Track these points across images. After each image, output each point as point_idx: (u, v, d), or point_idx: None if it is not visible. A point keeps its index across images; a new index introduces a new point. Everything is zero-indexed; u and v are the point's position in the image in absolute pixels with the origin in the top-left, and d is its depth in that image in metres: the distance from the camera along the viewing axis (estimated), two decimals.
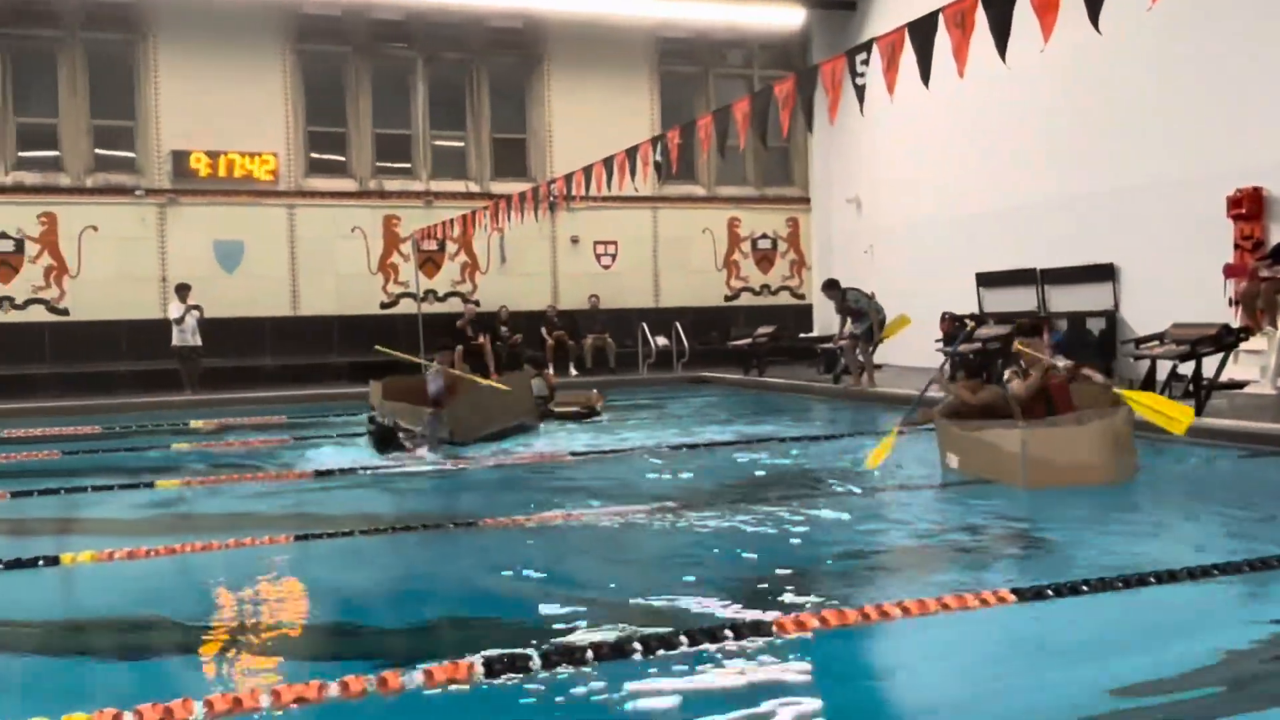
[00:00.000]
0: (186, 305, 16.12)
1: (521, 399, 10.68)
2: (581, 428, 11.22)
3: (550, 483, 7.80)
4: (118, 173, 17.45)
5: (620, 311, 19.74)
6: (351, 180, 18.77)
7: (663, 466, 8.45)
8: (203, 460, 9.46)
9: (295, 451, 9.71)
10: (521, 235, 17.56)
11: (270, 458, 9.35)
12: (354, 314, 18.50)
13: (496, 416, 10.22)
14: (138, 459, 9.67)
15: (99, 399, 15.45)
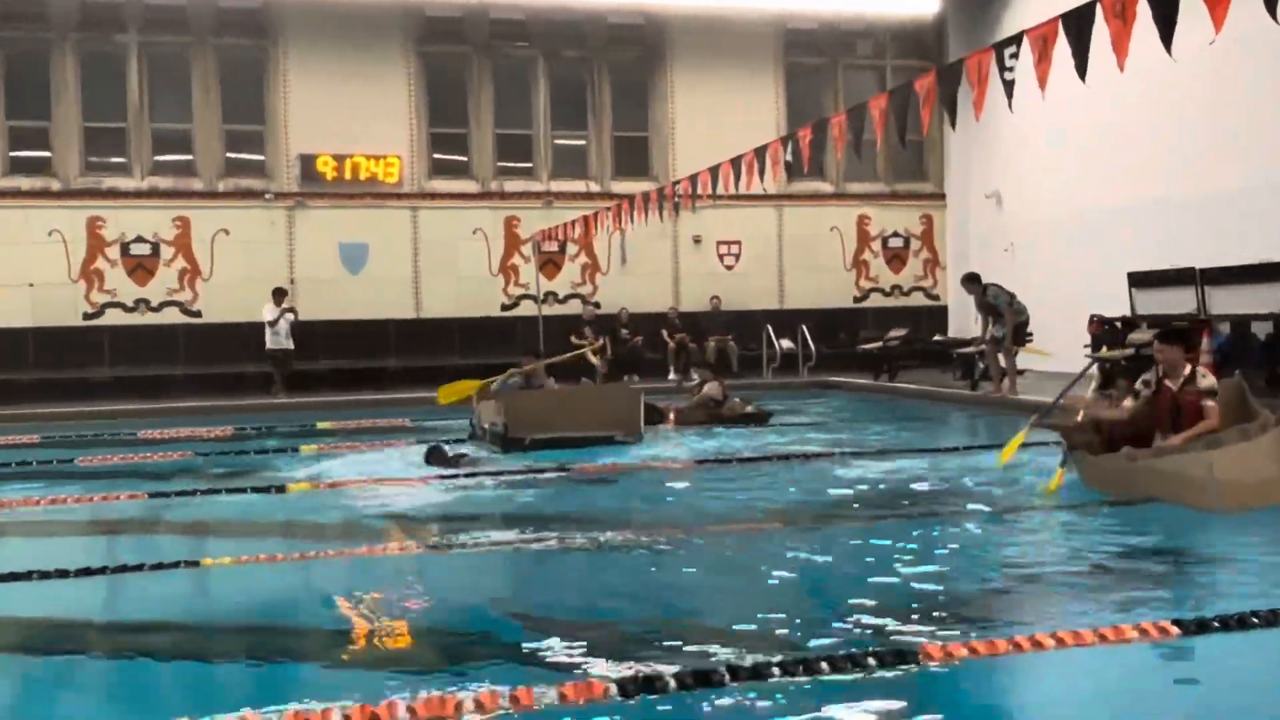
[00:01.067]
0: (281, 308, 16.73)
1: (610, 411, 10.28)
2: (703, 435, 11.15)
3: (670, 495, 7.78)
4: (248, 177, 18.23)
5: (743, 313, 19.63)
6: (473, 181, 19.17)
7: (790, 477, 8.41)
8: (329, 462, 9.78)
9: (416, 452, 9.87)
10: (643, 235, 17.61)
11: (381, 463, 9.45)
12: (475, 316, 18.89)
13: (562, 423, 9.99)
14: (265, 461, 10.06)
15: (229, 399, 16.16)
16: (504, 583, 5.61)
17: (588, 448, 9.81)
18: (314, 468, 9.45)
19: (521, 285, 19.15)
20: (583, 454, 9.57)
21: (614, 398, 10.62)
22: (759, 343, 18.91)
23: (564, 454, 9.54)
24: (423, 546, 6.17)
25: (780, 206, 19.95)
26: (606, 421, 10.23)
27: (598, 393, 10.72)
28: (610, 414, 10.29)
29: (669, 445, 10.38)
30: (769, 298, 19.98)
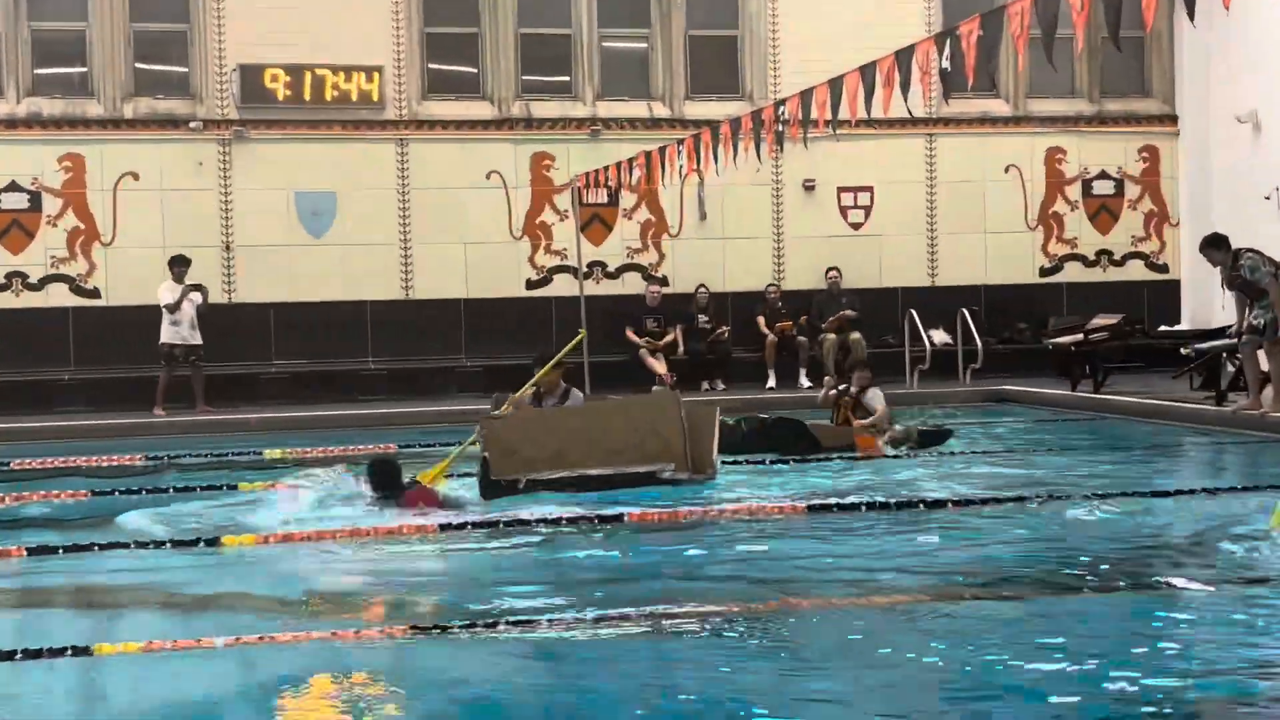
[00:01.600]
0: (184, 286, 16.82)
1: (648, 433, 10.08)
2: (815, 468, 11.27)
3: (766, 555, 7.99)
4: (166, 97, 18.42)
5: (876, 293, 19.41)
6: (486, 103, 19.17)
7: (961, 525, 8.57)
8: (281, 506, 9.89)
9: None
10: (730, 181, 17.48)
11: (354, 507, 9.61)
12: (489, 297, 18.91)
13: (576, 454, 9.91)
14: (191, 504, 10.19)
15: (137, 415, 16.31)
16: (530, 681, 5.65)
17: (621, 489, 9.84)
18: (259, 514, 9.61)
19: (556, 253, 19.16)
20: (622, 497, 9.68)
21: (652, 413, 10.33)
22: (900, 336, 18.71)
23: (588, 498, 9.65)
24: (412, 628, 6.20)
25: (931, 136, 19.76)
26: (646, 449, 10.05)
27: (626, 408, 10.56)
28: (649, 438, 10.09)
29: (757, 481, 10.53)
30: (914, 270, 19.82)
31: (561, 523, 8.91)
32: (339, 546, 8.47)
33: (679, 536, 8.65)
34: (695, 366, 18.34)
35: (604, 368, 17.25)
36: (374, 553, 8.34)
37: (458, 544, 8.48)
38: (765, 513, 9.21)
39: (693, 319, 18.78)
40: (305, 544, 8.55)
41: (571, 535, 8.64)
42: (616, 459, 9.97)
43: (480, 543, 8.48)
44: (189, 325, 16.75)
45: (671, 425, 10.08)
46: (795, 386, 18.08)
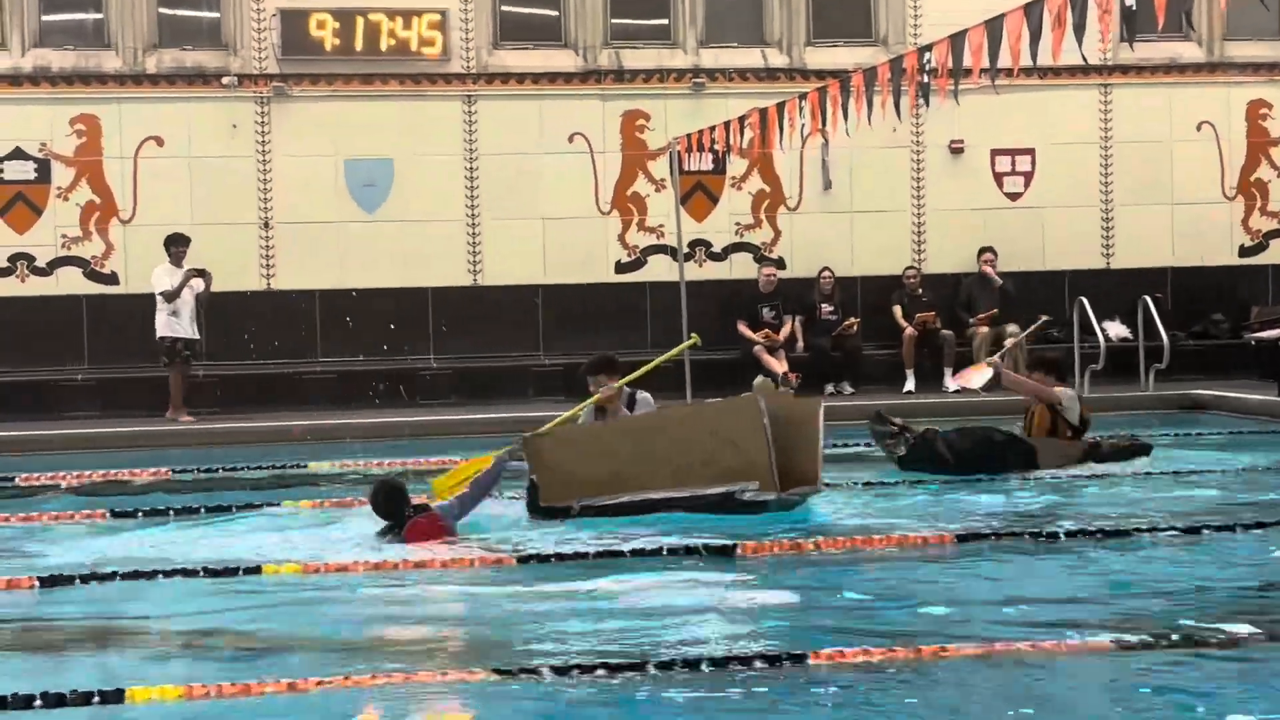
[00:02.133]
0: (184, 271, 16.97)
1: (725, 445, 10.01)
2: (951, 486, 11.33)
3: (947, 586, 8.11)
4: (195, 49, 18.66)
5: (1038, 277, 19.28)
6: (568, 53, 19.24)
7: (1144, 557, 8.62)
8: (331, 530, 10.04)
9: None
10: (861, 143, 17.33)
11: None
12: (571, 283, 18.98)
13: (637, 473, 9.92)
14: (226, 526, 10.40)
15: (161, 422, 16.59)
16: None
17: (696, 515, 9.83)
18: (303, 536, 9.74)
19: (651, 230, 19.19)
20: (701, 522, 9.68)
21: (729, 423, 10.16)
22: (1069, 329, 18.52)
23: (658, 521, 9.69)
24: (490, 670, 6.26)
25: (1107, 87, 19.62)
26: (722, 466, 9.95)
27: (697, 417, 10.40)
28: (725, 452, 10.00)
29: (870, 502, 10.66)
30: (1084, 250, 19.69)
31: (662, 553, 8.94)
32: (399, 576, 8.54)
33: (802, 570, 8.67)
34: (818, 366, 18.28)
35: (710, 368, 17.20)
36: (443, 585, 8.39)
37: (531, 578, 8.54)
38: (908, 543, 9.22)
39: (815, 309, 18.75)
40: (360, 574, 8.64)
41: (674, 569, 8.65)
42: (686, 479, 9.89)
43: (559, 577, 8.51)
44: (189, 316, 16.95)
45: (754, 437, 9.90)
46: (939, 389, 17.94)
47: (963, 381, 12.64)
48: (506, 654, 6.71)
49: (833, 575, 8.67)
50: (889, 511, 10.49)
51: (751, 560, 8.96)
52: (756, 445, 9.87)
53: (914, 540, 9.29)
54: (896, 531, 9.54)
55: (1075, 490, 11.31)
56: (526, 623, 7.52)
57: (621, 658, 6.43)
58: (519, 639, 7.14)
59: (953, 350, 18.34)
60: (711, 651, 6.54)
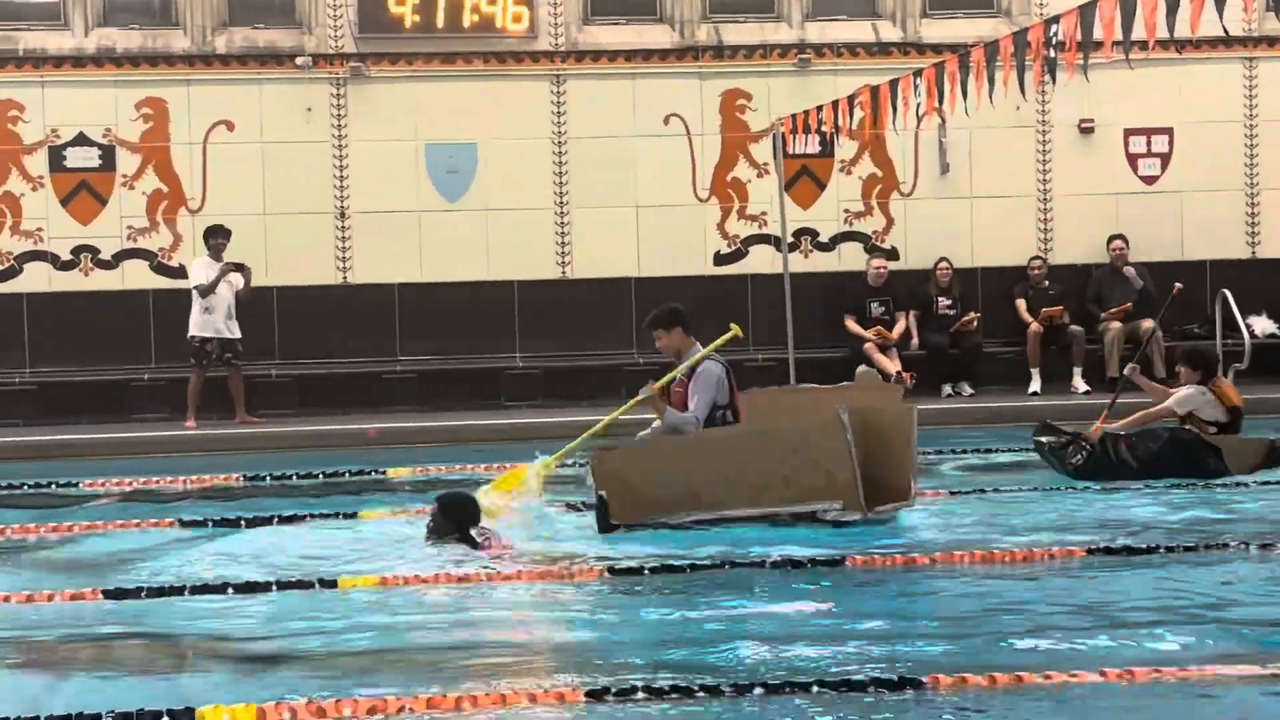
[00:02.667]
0: (222, 265, 17.13)
1: (803, 468, 9.95)
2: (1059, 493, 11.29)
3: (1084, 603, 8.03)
4: (267, 27, 18.87)
5: (1176, 268, 18.91)
6: (664, 28, 19.26)
7: None
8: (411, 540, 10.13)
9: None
10: (981, 123, 17.20)
11: None
12: (667, 276, 18.93)
13: (712, 494, 9.96)
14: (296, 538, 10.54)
15: (234, 424, 16.89)
16: None
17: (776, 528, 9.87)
18: (381, 547, 9.86)
19: (753, 218, 19.19)
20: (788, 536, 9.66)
21: (810, 440, 10.04)
22: (1207, 324, 18.36)
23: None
24: (583, 693, 6.29)
25: (1252, 61, 19.46)
26: (803, 485, 9.94)
27: (775, 435, 10.24)
28: (806, 470, 9.96)
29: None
30: (1227, 238, 19.56)
31: (765, 566, 8.97)
32: (483, 590, 8.62)
33: (916, 585, 8.69)
34: (934, 365, 18.23)
35: (817, 366, 17.18)
36: (527, 599, 8.50)
37: (622, 592, 8.62)
38: (1033, 557, 9.19)
39: (931, 303, 18.71)
40: (441, 587, 8.70)
41: (777, 582, 8.67)
42: (764, 498, 9.95)
43: (653, 591, 8.57)
44: (225, 314, 17.11)
45: (838, 456, 9.90)
46: (1067, 390, 17.81)
47: None
48: (598, 674, 6.71)
49: (949, 591, 8.64)
50: (1015, 526, 10.45)
51: (861, 573, 8.96)
52: (841, 464, 9.87)
53: (1040, 555, 9.22)
54: (1022, 545, 9.51)
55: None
56: (619, 640, 7.55)
57: (722, 677, 6.42)
58: (611, 658, 7.13)
59: (1082, 348, 18.23)
60: (822, 674, 6.49)
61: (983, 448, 14.55)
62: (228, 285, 17.09)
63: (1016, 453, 14.00)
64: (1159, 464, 11.97)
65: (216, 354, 17.04)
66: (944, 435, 15.55)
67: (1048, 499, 11.49)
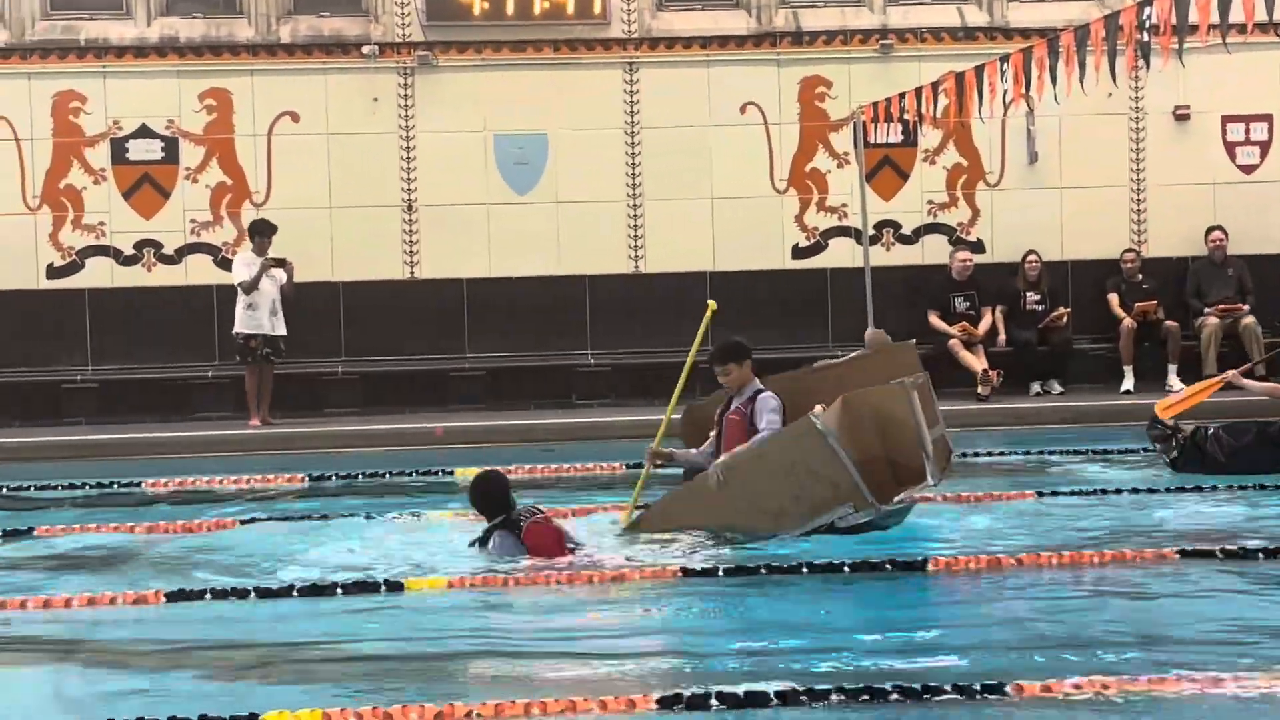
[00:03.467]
0: (264, 260, 17.24)
1: (807, 483, 9.91)
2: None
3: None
4: (332, 16, 19.00)
5: (1274, 260, 19.04)
6: (741, 14, 19.26)
7: None
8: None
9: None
10: (1071, 110, 17.12)
11: None
12: (744, 270, 18.99)
13: (743, 527, 10.02)
14: (364, 533, 10.70)
15: (303, 423, 17.09)
16: None
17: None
18: (447, 549, 9.96)
19: (833, 210, 19.16)
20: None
21: (803, 455, 9.96)
22: None
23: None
24: (654, 700, 6.33)
25: None
26: (813, 500, 9.96)
27: (765, 457, 10.09)
28: (810, 485, 9.93)
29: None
30: None
31: (843, 570, 9.03)
32: (553, 591, 8.71)
33: (1001, 587, 8.73)
34: (1023, 361, 18.17)
35: None
36: (599, 601, 8.57)
37: (696, 593, 8.69)
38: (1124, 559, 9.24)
39: (1018, 297, 18.62)
40: (510, 588, 8.80)
41: (854, 585, 8.74)
42: (784, 521, 10.00)
43: (724, 594, 8.66)
44: (269, 310, 17.23)
45: (830, 461, 9.90)
46: (1162, 389, 17.70)
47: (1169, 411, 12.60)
48: (670, 680, 6.75)
49: (1034, 593, 8.63)
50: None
51: (943, 576, 8.99)
52: (836, 468, 9.87)
53: (1133, 556, 9.25)
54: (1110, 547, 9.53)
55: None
56: (694, 645, 7.63)
57: (798, 681, 6.43)
58: (683, 664, 7.21)
59: (1178, 344, 18.11)
60: (899, 677, 6.51)
61: (1063, 450, 14.51)
62: (271, 281, 17.21)
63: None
64: (1245, 459, 11.92)
65: (261, 350, 17.18)
66: (1031, 436, 15.58)
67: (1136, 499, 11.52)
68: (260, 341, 17.15)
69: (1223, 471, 11.90)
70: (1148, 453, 13.31)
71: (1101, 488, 12.02)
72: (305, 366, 18.18)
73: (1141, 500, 11.57)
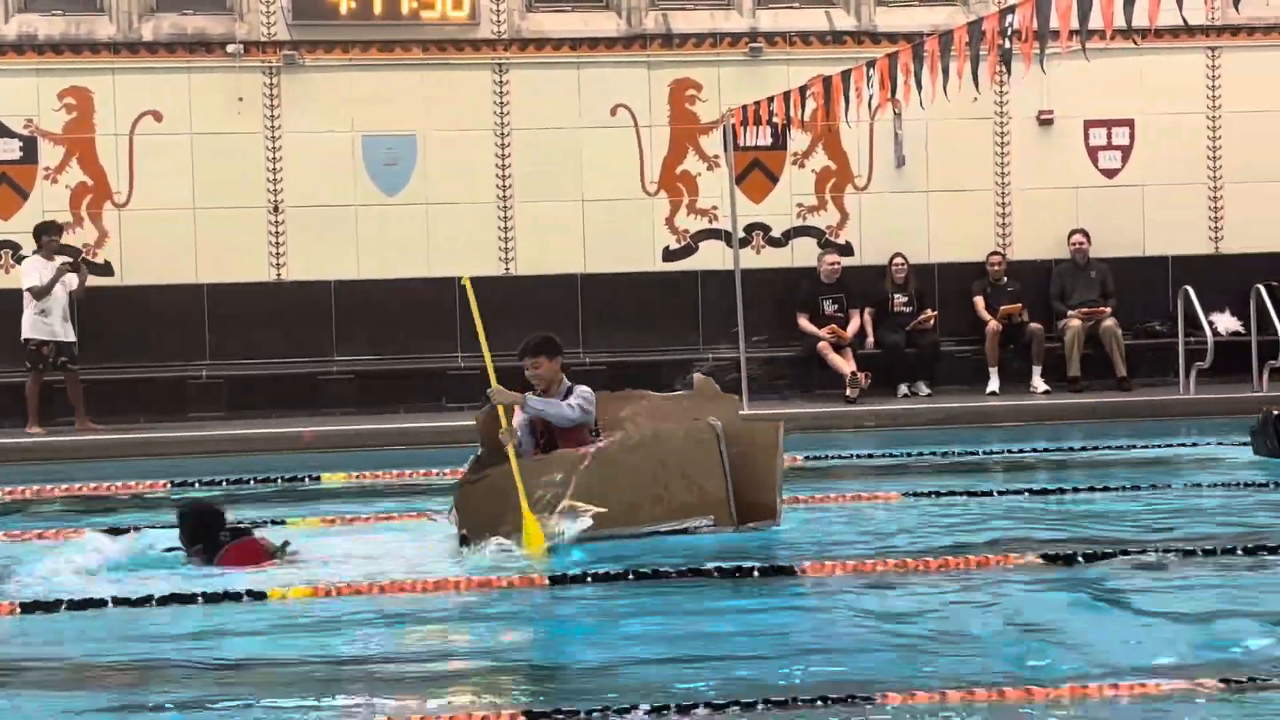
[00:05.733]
0: (58, 265, 16.92)
1: (674, 483, 9.92)
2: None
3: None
4: (196, 13, 18.67)
5: (1137, 263, 19.22)
6: (611, 15, 19.20)
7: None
8: (337, 541, 10.20)
9: None
10: (938, 115, 17.20)
11: None
12: (614, 272, 18.96)
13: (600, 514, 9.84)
14: None
15: (162, 428, 16.80)
16: None
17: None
18: (313, 557, 9.80)
19: (703, 212, 19.14)
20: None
21: (681, 453, 10.01)
22: (1169, 322, 18.44)
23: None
24: (520, 712, 6.20)
25: (1215, 50, 19.49)
26: (673, 502, 9.92)
27: (644, 447, 10.00)
28: (677, 486, 9.93)
29: None
30: (1190, 233, 19.57)
31: (713, 575, 8.99)
32: (420, 601, 8.63)
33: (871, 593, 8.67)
34: (891, 364, 18.25)
35: (771, 366, 17.21)
36: (452, 609, 8.52)
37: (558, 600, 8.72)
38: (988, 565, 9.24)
39: (887, 300, 18.68)
40: (376, 595, 8.72)
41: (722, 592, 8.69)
42: (634, 517, 9.92)
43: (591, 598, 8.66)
44: (61, 316, 16.92)
45: (710, 471, 9.94)
46: (1026, 390, 17.86)
47: None
48: (534, 696, 6.74)
49: (902, 597, 8.59)
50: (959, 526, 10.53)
51: (812, 582, 8.94)
52: (713, 480, 9.91)
53: (997, 561, 9.25)
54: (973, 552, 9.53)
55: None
56: (561, 653, 7.65)
57: (665, 695, 6.41)
58: (551, 672, 7.22)
59: (1042, 346, 18.27)
60: (767, 688, 6.49)
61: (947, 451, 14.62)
62: (62, 286, 16.90)
63: None
64: None
65: (53, 358, 16.83)
66: (900, 437, 15.67)
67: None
68: (52, 349, 16.82)
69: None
70: (1024, 452, 13.39)
71: (968, 489, 12.01)
72: (167, 370, 17.91)
73: (1005, 503, 11.65)
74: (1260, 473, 12.68)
